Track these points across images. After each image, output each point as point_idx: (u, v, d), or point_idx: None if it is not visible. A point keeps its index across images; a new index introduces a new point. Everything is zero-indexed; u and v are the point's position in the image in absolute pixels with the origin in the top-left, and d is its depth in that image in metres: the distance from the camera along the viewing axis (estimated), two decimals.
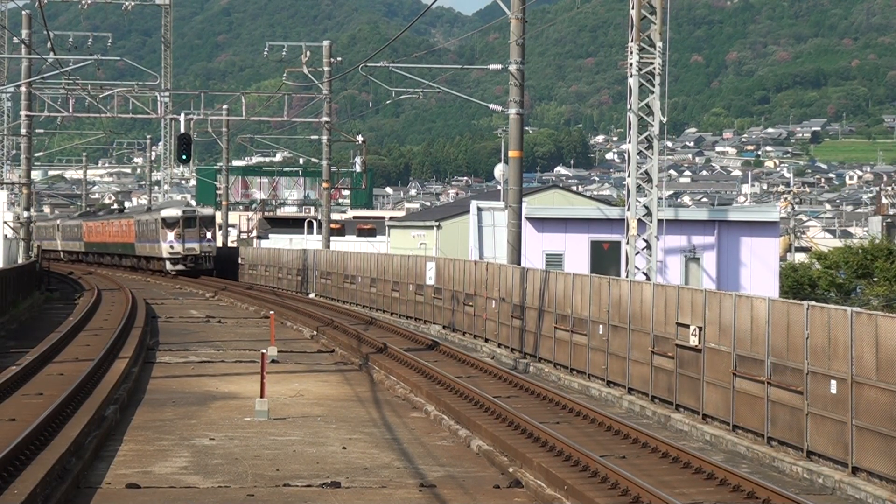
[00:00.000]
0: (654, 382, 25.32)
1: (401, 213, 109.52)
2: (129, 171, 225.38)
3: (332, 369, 31.71)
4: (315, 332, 40.32)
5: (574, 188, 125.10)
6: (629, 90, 38.10)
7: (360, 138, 74.15)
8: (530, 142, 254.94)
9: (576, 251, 45.55)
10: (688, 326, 23.71)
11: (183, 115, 59.85)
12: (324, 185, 66.99)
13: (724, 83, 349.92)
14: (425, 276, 44.11)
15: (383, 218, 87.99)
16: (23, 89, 57.78)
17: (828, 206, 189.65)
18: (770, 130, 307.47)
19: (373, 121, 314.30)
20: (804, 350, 19.77)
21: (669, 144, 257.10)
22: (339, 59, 66.26)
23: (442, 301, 42.57)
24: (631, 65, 37.84)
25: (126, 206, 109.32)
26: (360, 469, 19.11)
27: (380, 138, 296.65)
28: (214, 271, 73.30)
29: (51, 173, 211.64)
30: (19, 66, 59.59)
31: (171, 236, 72.80)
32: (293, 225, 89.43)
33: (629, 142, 38.31)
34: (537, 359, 32.44)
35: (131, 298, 49.65)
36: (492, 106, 44.82)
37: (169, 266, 73.26)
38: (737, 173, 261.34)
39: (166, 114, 70.70)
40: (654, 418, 24.53)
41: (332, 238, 67.27)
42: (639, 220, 38.07)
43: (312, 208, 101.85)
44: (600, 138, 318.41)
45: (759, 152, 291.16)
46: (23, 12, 57.51)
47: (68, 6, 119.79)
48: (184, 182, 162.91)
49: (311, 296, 59.75)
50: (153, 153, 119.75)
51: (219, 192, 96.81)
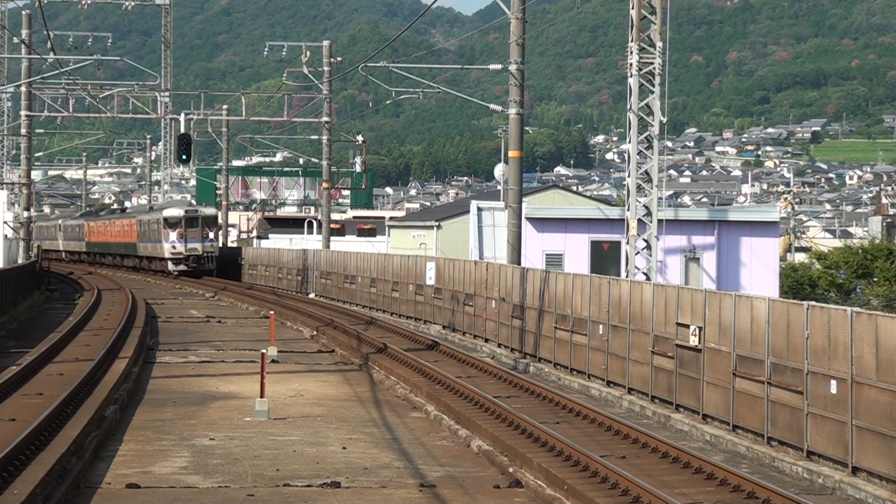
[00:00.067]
0: (654, 382, 25.33)
1: (401, 213, 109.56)
2: (129, 171, 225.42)
3: (332, 369, 31.71)
4: (315, 332, 40.31)
5: (574, 188, 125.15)
6: (629, 90, 38.11)
7: (360, 138, 74.15)
8: (530, 142, 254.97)
9: (576, 251, 45.56)
10: (688, 326, 23.71)
11: (183, 115, 59.88)
12: (324, 185, 67.00)
13: (724, 83, 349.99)
14: (425, 276, 44.10)
15: (383, 218, 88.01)
16: (23, 89, 57.79)
17: (828, 206, 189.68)
18: (770, 130, 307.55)
19: (373, 121, 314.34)
20: (804, 350, 19.77)
21: (669, 144, 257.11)
22: (339, 59, 66.26)
23: (442, 301, 42.57)
24: (631, 65, 37.85)
25: (127, 206, 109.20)
26: (360, 469, 19.10)
27: (380, 138, 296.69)
28: (214, 271, 72.79)
29: (51, 173, 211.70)
30: (19, 66, 59.59)
31: (173, 236, 71.92)
32: (293, 225, 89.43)
33: (629, 142, 38.31)
34: (537, 359, 32.44)
35: (131, 298, 49.64)
36: (492, 106, 44.82)
37: (171, 266, 72.43)
38: (737, 173, 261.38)
39: (166, 114, 70.66)
40: (654, 418, 24.53)
41: (332, 238, 67.26)
42: (639, 220, 38.07)
43: (312, 208, 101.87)
44: (600, 138, 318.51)
45: (759, 152, 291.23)
46: (23, 12, 57.50)
47: (68, 6, 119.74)
48: (184, 182, 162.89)
49: (311, 296, 59.75)
50: (153, 153, 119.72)
51: (219, 192, 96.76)
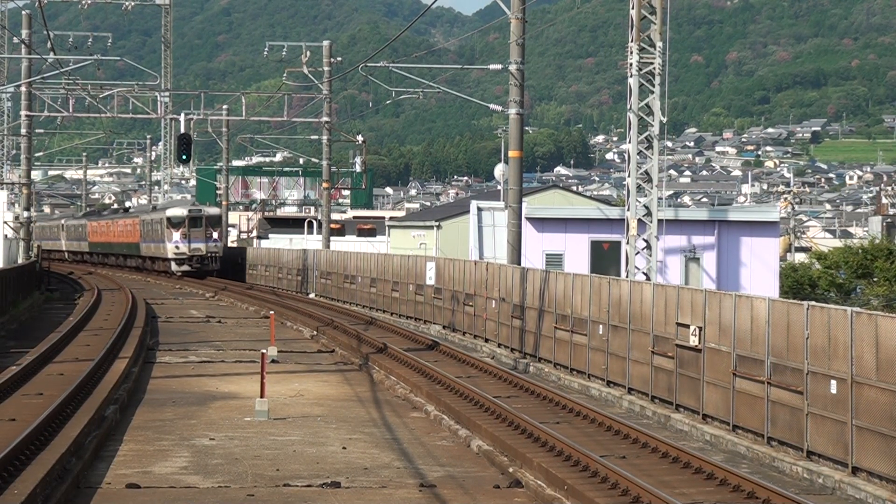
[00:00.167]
0: (654, 382, 25.32)
1: (401, 213, 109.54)
2: (129, 171, 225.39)
3: (332, 369, 31.70)
4: (315, 332, 40.31)
5: (574, 188, 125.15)
6: (629, 90, 38.11)
7: (360, 138, 74.14)
8: (530, 142, 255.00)
9: (576, 251, 45.55)
10: (688, 326, 23.71)
11: (183, 115, 59.88)
12: (324, 185, 67.00)
13: (724, 83, 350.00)
14: (425, 276, 44.09)
15: (383, 218, 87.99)
16: (23, 89, 57.79)
17: (828, 206, 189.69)
18: (770, 130, 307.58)
19: (373, 121, 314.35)
20: (804, 350, 19.76)
21: (669, 144, 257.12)
22: (339, 59, 66.26)
23: (442, 301, 42.56)
24: (631, 65, 37.84)
25: (130, 206, 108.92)
26: (360, 469, 19.10)
27: (380, 138, 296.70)
28: (217, 272, 72.36)
29: (51, 173, 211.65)
30: (19, 66, 59.59)
31: (176, 236, 70.95)
32: (293, 225, 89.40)
33: (629, 142, 38.31)
34: (537, 359, 32.43)
35: (131, 298, 49.64)
36: (492, 106, 44.81)
37: (174, 267, 71.51)
38: (737, 173, 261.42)
39: (166, 114, 70.63)
40: (654, 418, 24.53)
41: (332, 238, 67.25)
42: (639, 220, 38.06)
43: (312, 208, 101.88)
44: (600, 138, 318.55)
45: (759, 152, 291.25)
46: (23, 12, 57.50)
47: (68, 6, 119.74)
48: (184, 182, 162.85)
49: (311, 296, 59.74)
50: (153, 153, 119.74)
51: (219, 192, 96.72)
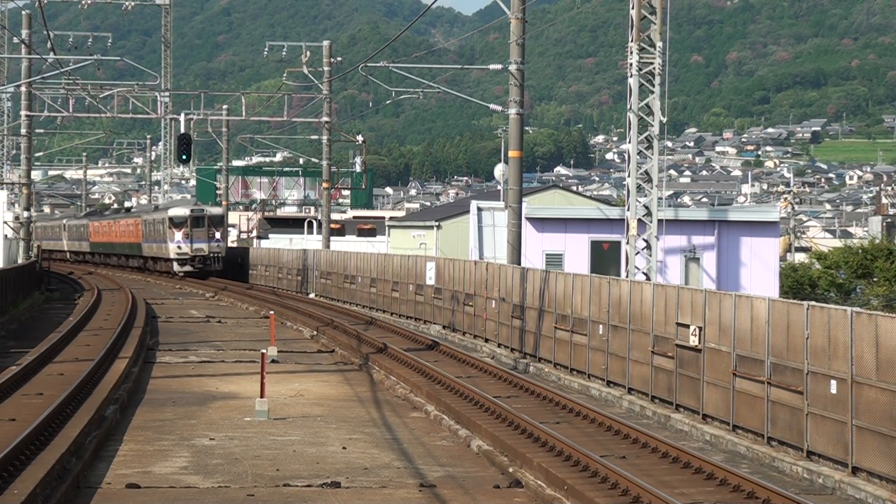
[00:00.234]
0: (654, 382, 25.32)
1: (401, 213, 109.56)
2: (129, 171, 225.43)
3: (332, 369, 31.70)
4: (315, 332, 40.30)
5: (574, 188, 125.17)
6: (629, 90, 38.11)
7: (360, 138, 74.14)
8: (530, 142, 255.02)
9: (576, 251, 45.55)
10: (688, 326, 23.71)
11: (183, 115, 59.90)
12: (324, 185, 67.00)
13: (724, 83, 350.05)
14: (425, 276, 44.09)
15: (383, 218, 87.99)
16: (23, 89, 57.79)
17: (828, 206, 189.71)
18: (770, 130, 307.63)
19: (373, 121, 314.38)
20: (804, 350, 19.76)
21: (669, 144, 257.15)
22: (339, 59, 66.26)
23: (442, 301, 42.56)
24: (631, 65, 37.84)
25: (132, 206, 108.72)
26: (360, 469, 19.10)
27: (380, 138, 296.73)
28: (218, 273, 71.98)
29: (51, 173, 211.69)
30: (19, 66, 59.59)
31: (178, 236, 70.16)
32: (293, 225, 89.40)
33: (629, 142, 38.31)
34: (537, 359, 32.43)
35: (131, 298, 49.63)
36: (492, 106, 44.81)
37: (176, 267, 70.81)
38: (737, 173, 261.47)
39: (166, 114, 70.61)
40: (654, 418, 24.53)
41: (332, 238, 67.24)
42: (639, 220, 38.07)
43: (312, 208, 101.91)
44: (600, 138, 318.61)
45: (759, 152, 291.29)
46: (23, 12, 57.50)
47: (68, 6, 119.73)
48: (184, 182, 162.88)
49: (311, 296, 59.74)
50: (153, 153, 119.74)
51: (219, 192, 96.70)
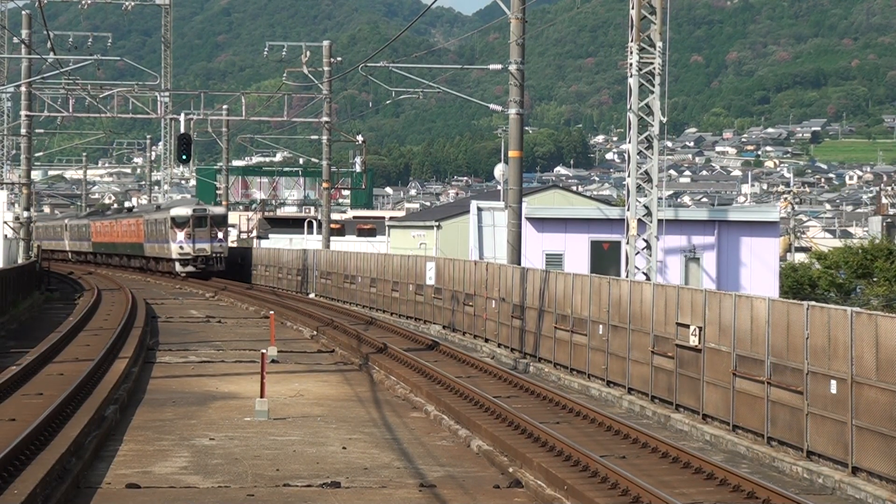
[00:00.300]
0: (654, 382, 25.32)
1: (401, 213, 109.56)
2: (129, 171, 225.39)
3: (332, 369, 31.70)
4: (315, 332, 40.30)
5: (574, 188, 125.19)
6: (629, 90, 38.11)
7: (360, 138, 74.14)
8: (530, 142, 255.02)
9: (576, 251, 45.56)
10: (688, 326, 23.70)
11: (183, 115, 59.91)
12: (324, 185, 66.99)
13: (724, 83, 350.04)
14: (425, 276, 44.09)
15: (383, 218, 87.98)
16: (23, 89, 57.79)
17: (828, 206, 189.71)
18: (770, 130, 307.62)
19: (373, 121, 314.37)
20: (804, 350, 19.76)
21: (669, 144, 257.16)
22: (339, 59, 66.25)
23: (442, 301, 42.56)
24: (631, 65, 37.84)
25: (133, 206, 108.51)
26: (360, 469, 19.10)
27: (380, 138, 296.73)
28: (219, 273, 71.66)
29: (51, 173, 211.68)
30: (19, 66, 59.60)
31: (180, 236, 69.58)
32: (293, 225, 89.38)
33: (629, 142, 38.31)
34: (537, 359, 32.43)
35: (131, 298, 49.62)
36: (492, 106, 44.81)
37: (179, 268, 70.26)
38: (737, 173, 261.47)
39: (166, 114, 70.60)
40: (654, 418, 24.53)
41: (332, 238, 67.22)
42: (639, 220, 38.06)
43: (312, 208, 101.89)
44: (600, 138, 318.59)
45: (759, 152, 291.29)
46: (23, 12, 57.50)
47: (68, 6, 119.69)
48: (184, 182, 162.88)
49: (311, 296, 59.74)
50: (153, 153, 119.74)
51: (219, 192, 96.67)
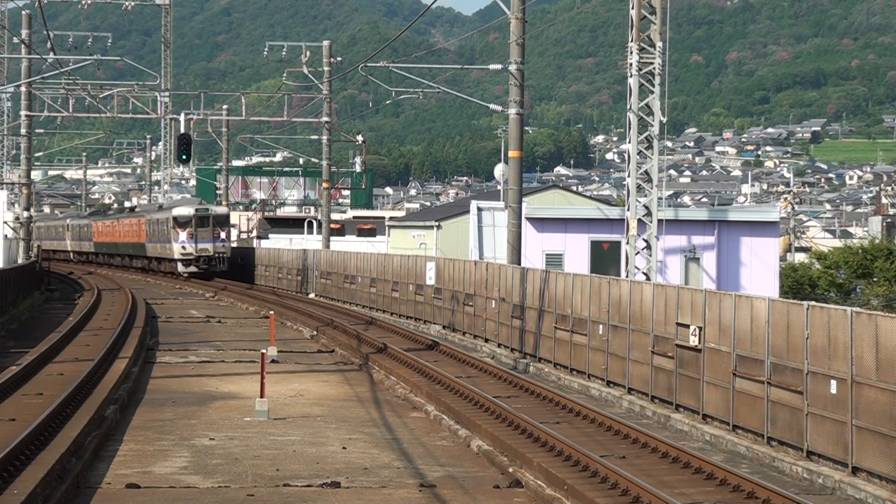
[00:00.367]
0: (654, 382, 25.32)
1: (401, 213, 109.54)
2: (129, 171, 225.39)
3: (332, 369, 31.70)
4: (315, 332, 40.30)
5: (574, 188, 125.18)
6: (629, 90, 38.11)
7: (360, 138, 74.15)
8: (530, 142, 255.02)
9: (576, 251, 45.56)
10: (688, 326, 23.70)
11: (183, 115, 59.92)
12: (324, 185, 66.99)
13: (724, 83, 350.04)
14: (425, 276, 44.09)
15: (383, 218, 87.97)
16: (23, 89, 57.79)
17: (828, 206, 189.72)
18: (770, 130, 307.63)
19: (373, 121, 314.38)
20: (804, 350, 19.76)
21: (669, 144, 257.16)
22: (339, 59, 66.25)
23: (442, 301, 42.56)
24: (631, 65, 37.84)
25: (136, 205, 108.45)
26: (360, 469, 19.10)
27: (380, 138, 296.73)
28: (220, 274, 71.45)
29: (51, 173, 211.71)
30: (19, 66, 59.59)
31: (182, 236, 69.15)
32: (293, 225, 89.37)
33: (629, 142, 38.31)
34: (537, 359, 32.43)
35: (131, 298, 49.62)
36: (492, 106, 44.81)
37: (181, 268, 69.88)
38: (737, 173, 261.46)
39: (166, 114, 70.58)
40: (654, 418, 24.53)
41: (332, 238, 67.22)
42: (639, 220, 38.06)
43: (312, 208, 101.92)
44: (600, 138, 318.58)
45: (759, 152, 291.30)
46: (23, 12, 57.49)
47: (68, 6, 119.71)
48: (184, 182, 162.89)
49: (311, 296, 59.74)
50: (153, 153, 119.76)
51: (219, 192, 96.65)
